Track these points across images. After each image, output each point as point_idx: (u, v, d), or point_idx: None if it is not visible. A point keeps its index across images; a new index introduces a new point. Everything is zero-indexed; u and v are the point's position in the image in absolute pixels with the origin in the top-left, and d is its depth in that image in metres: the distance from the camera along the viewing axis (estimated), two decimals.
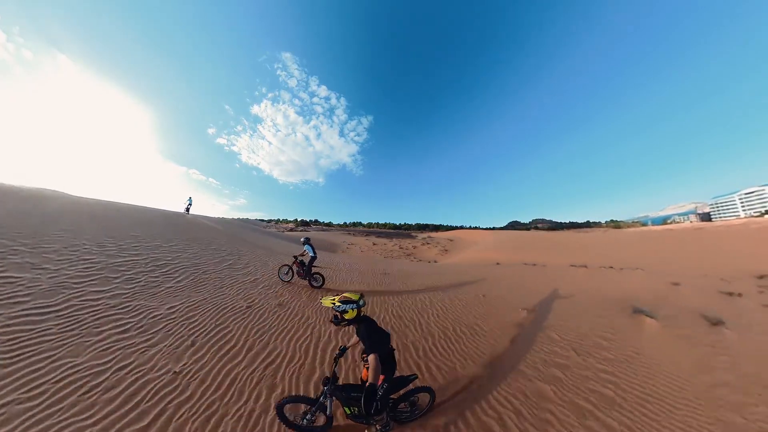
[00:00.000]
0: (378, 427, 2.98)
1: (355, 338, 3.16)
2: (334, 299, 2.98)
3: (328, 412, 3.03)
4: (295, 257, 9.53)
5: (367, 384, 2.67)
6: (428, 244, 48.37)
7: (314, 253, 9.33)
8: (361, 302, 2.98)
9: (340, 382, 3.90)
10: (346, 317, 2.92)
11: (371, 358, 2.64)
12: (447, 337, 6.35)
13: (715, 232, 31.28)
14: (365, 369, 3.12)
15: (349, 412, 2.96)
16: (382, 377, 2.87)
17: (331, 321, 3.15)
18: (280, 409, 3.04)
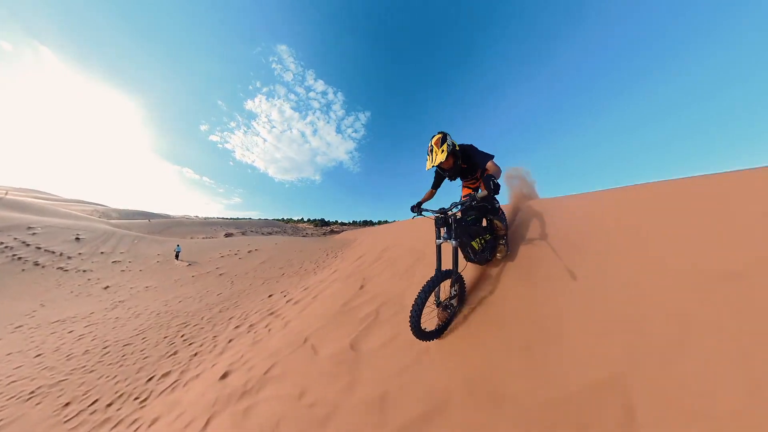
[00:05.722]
0: (502, 244, 2.63)
1: (429, 192, 2.81)
2: (437, 152, 2.36)
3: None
4: None
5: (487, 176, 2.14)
6: None
7: None
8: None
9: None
10: (456, 148, 2.50)
11: (490, 164, 2.35)
12: None
13: None
14: (467, 188, 2.96)
15: (477, 247, 2.38)
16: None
17: (448, 171, 2.65)
18: (417, 324, 2.05)
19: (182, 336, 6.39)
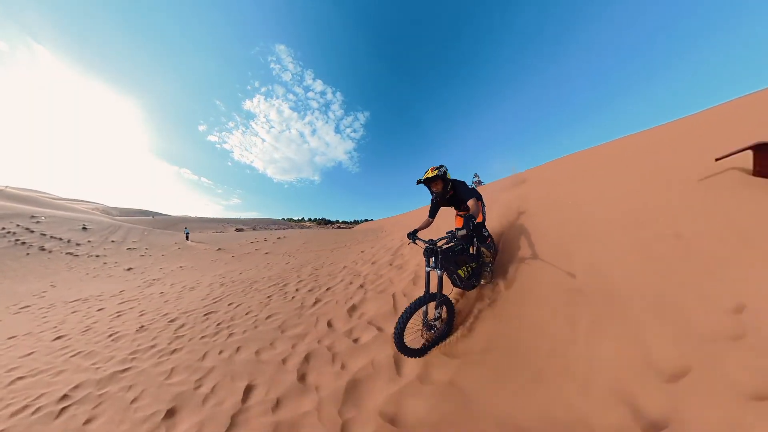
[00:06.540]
0: (488, 271, 2.71)
1: (425, 221, 2.96)
2: (429, 171, 2.65)
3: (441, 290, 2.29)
4: None
5: (477, 222, 2.50)
6: None
7: None
8: None
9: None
10: (448, 177, 2.71)
11: (471, 202, 2.45)
12: None
13: None
14: (459, 218, 3.21)
15: (463, 274, 2.42)
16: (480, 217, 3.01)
17: (437, 193, 2.74)
18: (400, 337, 2.00)
19: (297, 290, 4.29)
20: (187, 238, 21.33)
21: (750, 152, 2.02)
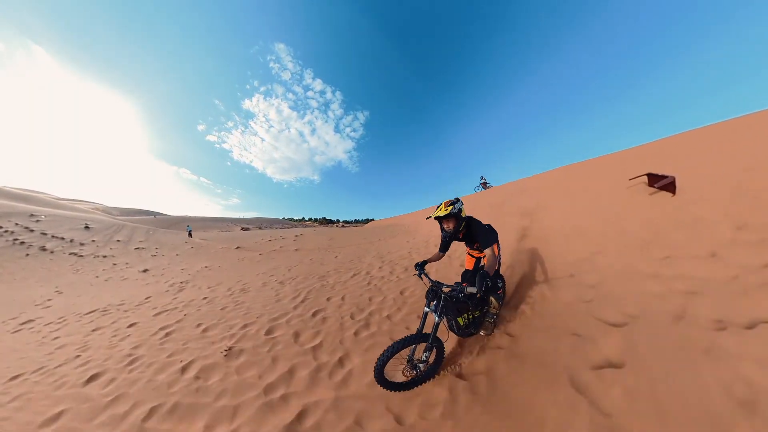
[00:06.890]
0: (491, 322, 2.51)
1: (436, 254, 2.73)
2: (442, 207, 2.44)
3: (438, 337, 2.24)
4: None
5: (487, 270, 2.13)
6: None
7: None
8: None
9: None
10: (463, 215, 2.52)
11: (489, 252, 2.34)
12: None
13: None
14: (470, 257, 3.02)
15: (462, 322, 2.28)
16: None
17: (448, 232, 2.54)
18: (381, 370, 1.95)
19: (391, 272, 4.61)
20: (190, 235, 21.20)
21: (645, 177, 3.99)
